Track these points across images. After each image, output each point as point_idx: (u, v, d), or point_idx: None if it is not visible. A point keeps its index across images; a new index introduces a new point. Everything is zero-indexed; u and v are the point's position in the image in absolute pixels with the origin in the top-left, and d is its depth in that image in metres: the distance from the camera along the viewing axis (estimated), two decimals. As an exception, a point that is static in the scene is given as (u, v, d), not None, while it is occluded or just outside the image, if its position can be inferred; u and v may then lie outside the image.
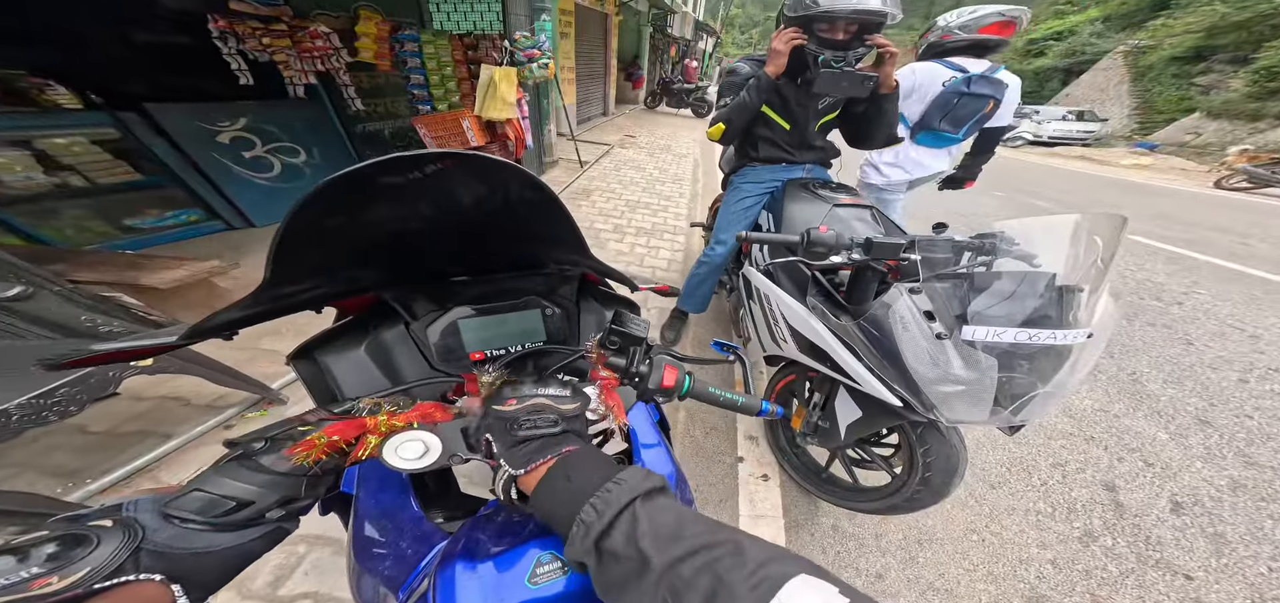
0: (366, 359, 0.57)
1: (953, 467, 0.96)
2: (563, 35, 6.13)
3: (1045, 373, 0.75)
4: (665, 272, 2.93)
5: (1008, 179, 7.45)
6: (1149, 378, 2.14)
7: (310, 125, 3.21)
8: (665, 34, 12.80)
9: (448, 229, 0.49)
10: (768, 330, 1.24)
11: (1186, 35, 14.80)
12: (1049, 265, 0.81)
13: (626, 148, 6.54)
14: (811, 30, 1.20)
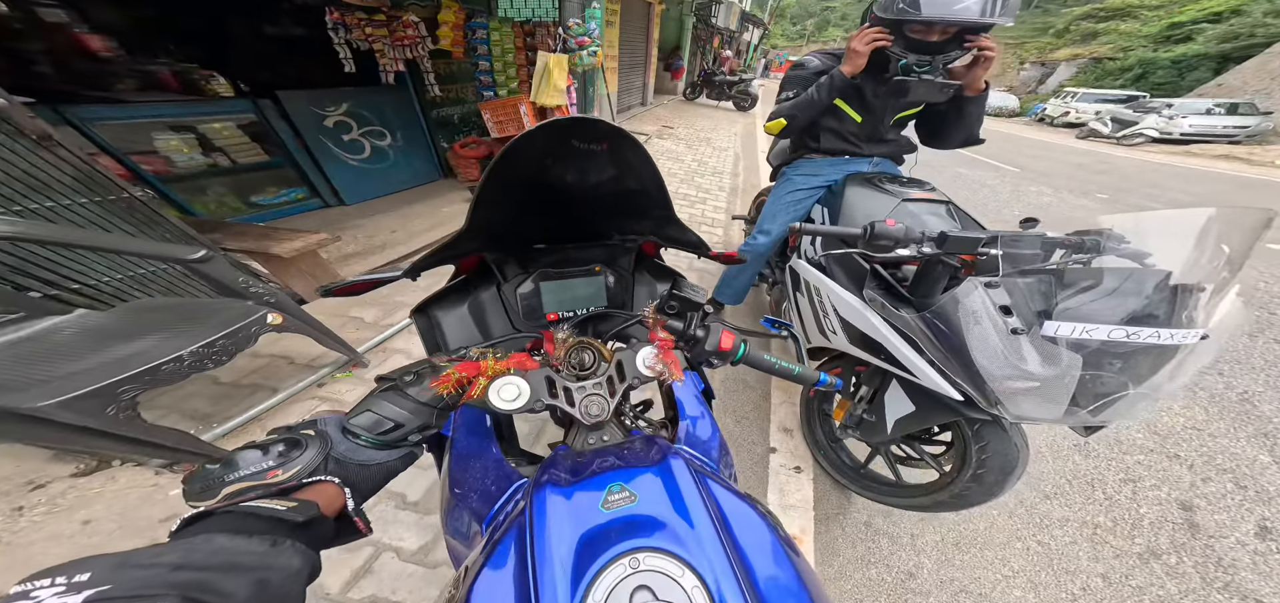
0: (467, 316, 0.66)
1: (1010, 465, 0.93)
2: (608, 23, 6.15)
3: (1140, 374, 0.72)
4: (702, 263, 2.92)
5: (1114, 180, 6.57)
6: (1262, 399, 1.89)
7: (396, 110, 3.50)
8: (709, 24, 12.46)
9: (580, 197, 0.55)
10: (815, 322, 1.22)
11: None
12: (1164, 264, 0.75)
13: (664, 138, 6.51)
14: (900, 31, 1.13)
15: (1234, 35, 16.98)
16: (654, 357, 0.53)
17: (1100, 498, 1.48)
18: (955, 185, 5.89)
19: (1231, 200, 5.47)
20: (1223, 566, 1.26)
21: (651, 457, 0.42)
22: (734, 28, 14.99)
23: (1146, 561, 1.29)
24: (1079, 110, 15.49)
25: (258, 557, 0.27)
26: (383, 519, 1.20)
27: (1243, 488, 1.48)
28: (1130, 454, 1.64)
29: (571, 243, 0.71)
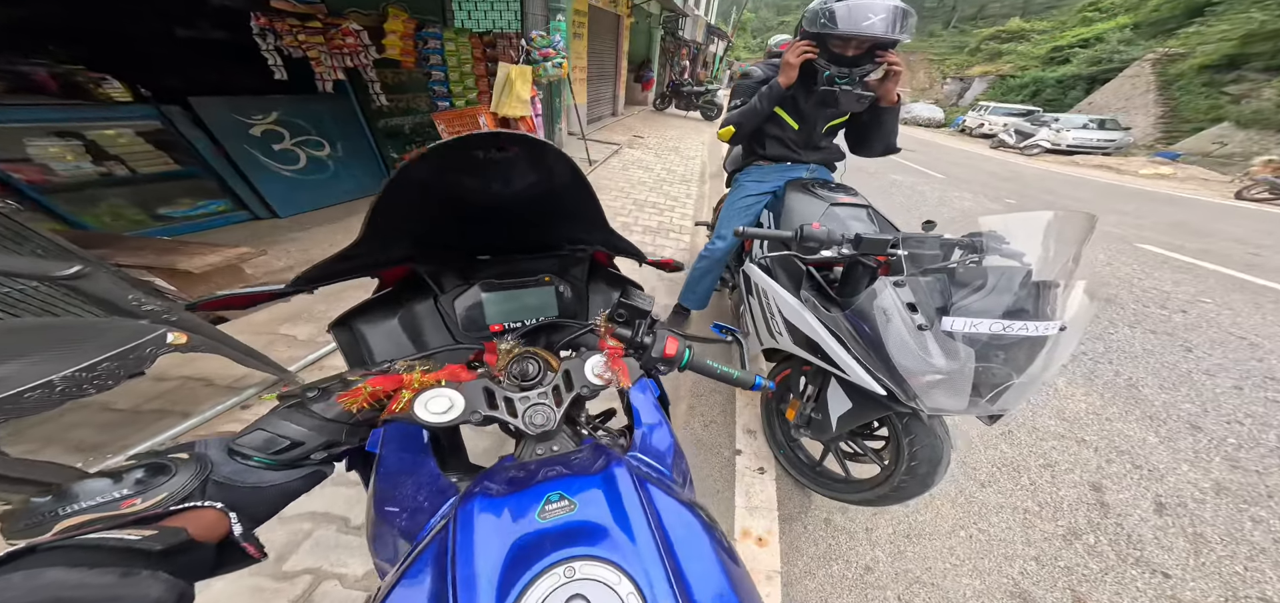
0: (397, 328, 0.62)
1: (937, 457, 0.97)
2: (576, 35, 6.14)
3: (1020, 364, 0.78)
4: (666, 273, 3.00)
5: (1016, 186, 7.34)
6: (1145, 384, 2.13)
7: (336, 120, 3.28)
8: (676, 37, 12.80)
9: (502, 206, 0.54)
10: (764, 324, 1.26)
11: (1221, 43, 14.35)
12: (1033, 261, 0.84)
13: (635, 148, 6.56)
14: (825, 45, 1.25)
15: (1098, 59, 19.49)
16: (603, 365, 0.53)
17: (1026, 483, 1.60)
18: (891, 191, 6.34)
19: (1117, 206, 6.28)
20: (1132, 541, 1.41)
21: (595, 466, 0.41)
22: (700, 40, 15.46)
23: (1070, 541, 1.41)
24: (990, 122, 17.07)
25: (104, 589, 0.24)
26: (323, 544, 1.15)
27: (1139, 468, 1.66)
28: (1046, 440, 1.79)
29: (522, 254, 0.69)
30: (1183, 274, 3.53)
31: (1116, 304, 2.94)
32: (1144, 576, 1.30)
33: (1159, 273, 3.53)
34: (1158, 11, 19.31)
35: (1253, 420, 1.88)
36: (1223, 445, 1.75)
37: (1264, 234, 4.86)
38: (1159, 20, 19.04)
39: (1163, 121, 14.04)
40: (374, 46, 3.12)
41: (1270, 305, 3.00)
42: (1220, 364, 2.28)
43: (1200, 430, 1.82)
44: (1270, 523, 1.44)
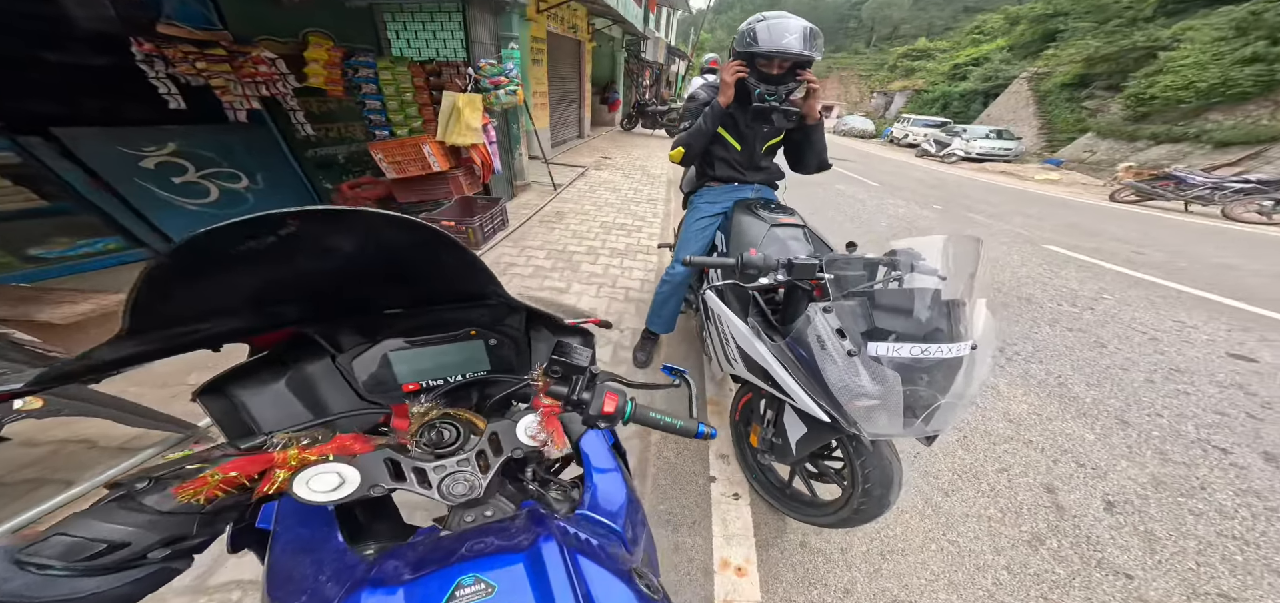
0: (287, 392, 0.55)
1: (888, 479, 0.98)
2: (535, 62, 6.13)
3: (943, 385, 0.79)
4: (639, 291, 2.92)
5: (941, 193, 8.05)
6: (1073, 382, 2.29)
7: (253, 150, 3.04)
8: (639, 59, 13.14)
9: (347, 276, 0.47)
10: (722, 350, 1.26)
11: (1072, 64, 16.52)
12: (932, 280, 0.87)
13: (602, 169, 6.57)
14: (753, 64, 1.35)
15: (988, 77, 21.95)
16: (536, 425, 0.50)
17: (986, 489, 1.64)
18: (837, 201, 6.73)
19: (1022, 209, 7.02)
20: (1091, 543, 1.46)
21: (522, 540, 0.38)
22: (662, 61, 15.94)
23: (1035, 547, 1.44)
24: (913, 133, 18.64)
25: None
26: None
27: (1083, 467, 1.75)
28: (999, 445, 1.86)
29: (446, 303, 0.63)
30: (1084, 273, 3.94)
31: (1035, 304, 3.21)
32: (1109, 579, 1.34)
33: (1065, 272, 3.93)
34: (1023, 36, 22.09)
35: (1169, 412, 2.06)
36: (1150, 439, 1.90)
37: (1139, 233, 5.58)
38: (1026, 43, 21.79)
39: (1043, 132, 16.10)
40: (293, 75, 2.92)
41: (1158, 299, 3.38)
42: (1131, 359, 2.52)
43: (1128, 425, 1.97)
44: (1208, 516, 1.54)
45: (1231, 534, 1.47)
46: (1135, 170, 8.98)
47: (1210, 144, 10.47)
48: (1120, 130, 12.84)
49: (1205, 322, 2.99)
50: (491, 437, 0.49)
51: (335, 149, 3.58)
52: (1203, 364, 2.46)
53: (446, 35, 3.34)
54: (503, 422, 0.51)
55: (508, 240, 3.58)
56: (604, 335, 2.44)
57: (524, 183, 5.00)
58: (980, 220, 6.04)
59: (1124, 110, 13.27)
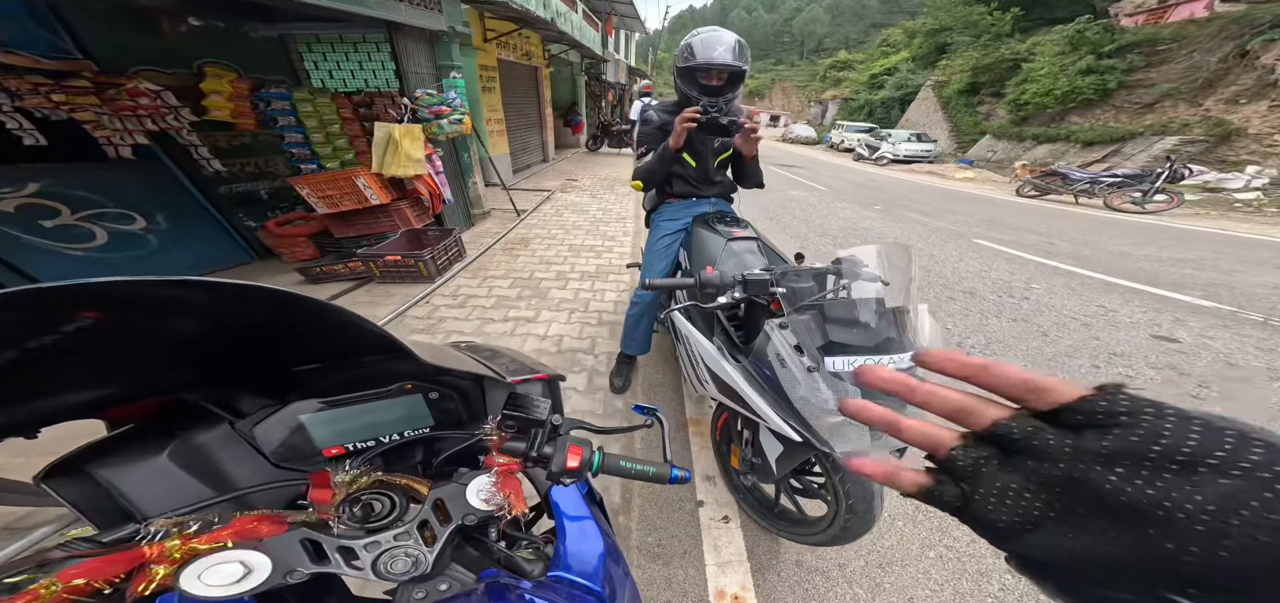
0: (172, 468, 0.45)
1: (869, 494, 0.96)
2: (486, 89, 5.98)
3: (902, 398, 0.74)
4: (612, 313, 2.79)
5: (879, 194, 8.60)
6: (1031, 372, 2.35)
7: (148, 189, 2.82)
8: (601, 81, 13.17)
9: (213, 343, 0.39)
10: (692, 372, 1.23)
11: (961, 74, 18.41)
12: (874, 288, 0.87)
13: (568, 191, 6.44)
14: (693, 78, 1.39)
15: (901, 85, 24.20)
16: (490, 487, 0.44)
17: None
18: (790, 205, 6.99)
19: (948, 206, 7.63)
20: None
21: None
22: (624, 81, 16.02)
23: None
24: (848, 139, 19.97)
25: None
26: None
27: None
28: None
29: (374, 354, 0.53)
30: (1011, 265, 4.25)
31: (979, 297, 3.39)
32: None
33: (997, 265, 4.22)
34: (921, 48, 24.54)
35: None
36: None
37: (1046, 225, 6.16)
38: (924, 55, 24.18)
39: (952, 135, 17.86)
40: (187, 108, 2.70)
41: (1078, 286, 3.68)
42: (1072, 346, 2.66)
43: (1090, 414, 2.01)
44: None
45: None
46: (1028, 168, 10.16)
47: (1079, 143, 12.00)
48: (1010, 132, 14.42)
49: (1121, 305, 3.24)
50: (437, 504, 0.43)
51: (253, 185, 3.41)
52: (1135, 347, 2.62)
53: (375, 66, 3.20)
54: (449, 486, 0.45)
55: (467, 271, 3.38)
56: (579, 363, 2.28)
57: (482, 211, 4.81)
58: (916, 218, 6.48)
59: (1008, 114, 14.96)
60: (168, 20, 2.54)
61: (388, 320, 2.66)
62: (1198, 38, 10.90)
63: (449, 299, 2.96)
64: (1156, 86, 11.14)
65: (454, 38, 3.56)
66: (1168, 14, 12.67)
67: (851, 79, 32.82)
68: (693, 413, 1.88)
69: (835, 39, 61.52)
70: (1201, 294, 3.40)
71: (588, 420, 0.59)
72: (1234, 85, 9.81)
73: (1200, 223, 6.28)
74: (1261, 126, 9.06)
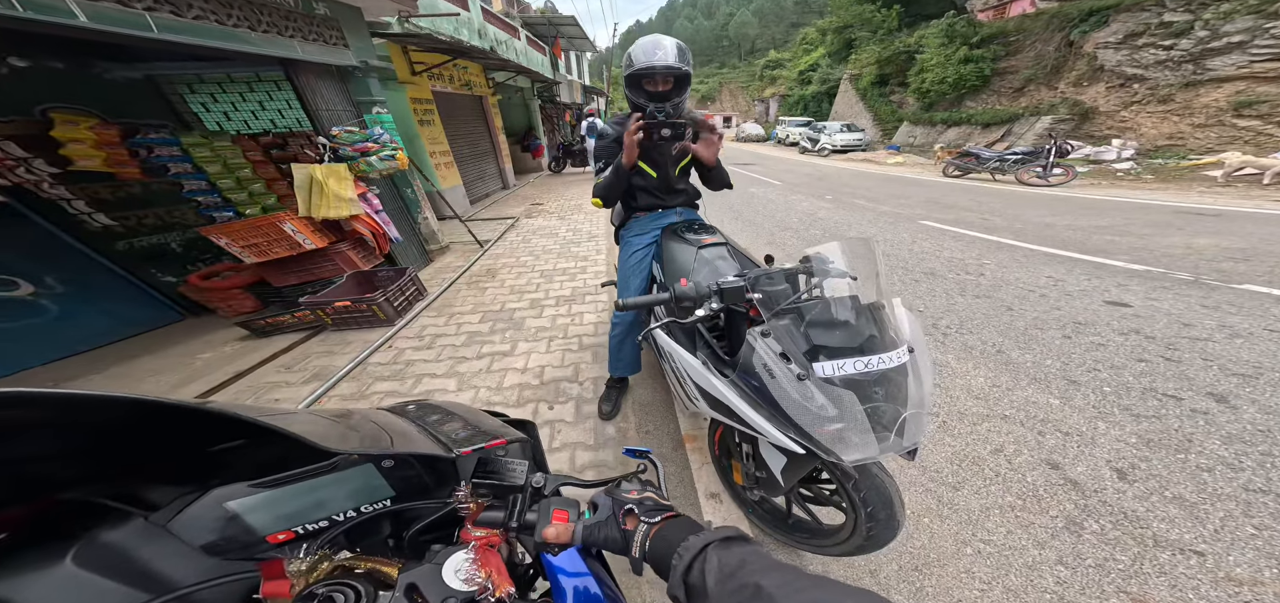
0: (83, 573, 0.38)
1: (888, 497, 0.90)
2: (424, 122, 5.63)
3: (897, 395, 0.75)
4: (593, 336, 2.61)
5: (827, 185, 8.96)
6: (1008, 348, 2.36)
7: (20, 251, 2.49)
8: (555, 103, 12.92)
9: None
10: (680, 390, 1.18)
11: (869, 67, 18.51)
12: (845, 285, 0.84)
13: (535, 216, 6.19)
14: (640, 86, 1.34)
15: (825, 80, 25.59)
16: (469, 565, 0.40)
17: (991, 475, 1.53)
18: (752, 202, 7.09)
19: (889, 191, 7.99)
20: (1131, 519, 1.35)
21: None
22: (580, 101, 15.73)
23: (1076, 533, 1.31)
24: (792, 133, 20.76)
25: None
26: None
27: (1067, 435, 1.73)
28: (978, 424, 1.79)
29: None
30: (959, 242, 4.41)
31: (938, 276, 3.46)
32: (1181, 558, 1.21)
33: (947, 244, 4.36)
34: (833, 45, 25.90)
35: (1104, 367, 2.15)
36: (1106, 397, 1.93)
37: (978, 202, 6.53)
38: (837, 51, 25.64)
39: (875, 124, 18.95)
40: (40, 158, 2.31)
41: (1022, 259, 3.84)
42: (1037, 318, 2.70)
43: (1079, 385, 2.02)
44: (1220, 470, 1.48)
45: (1256, 487, 1.40)
46: (945, 150, 11.15)
47: (979, 125, 13.23)
48: (922, 118, 15.58)
49: (1066, 275, 3.33)
50: (409, 589, 0.38)
51: (162, 237, 3.05)
52: (1095, 315, 2.65)
53: (279, 105, 3.03)
54: (422, 568, 0.40)
55: (430, 310, 3.09)
56: (564, 392, 2.07)
57: (440, 246, 4.47)
58: (863, 205, 6.73)
59: (917, 102, 16.23)
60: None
61: (346, 371, 2.36)
62: (1034, 30, 12.38)
63: (414, 341, 2.69)
64: (1021, 73, 12.56)
65: (369, 73, 3.34)
66: (1006, 10, 14.21)
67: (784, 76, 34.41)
68: (688, 429, 1.74)
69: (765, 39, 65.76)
70: (1129, 258, 3.64)
71: (574, 475, 0.53)
72: (1074, 71, 11.23)
73: (1096, 192, 6.98)
74: (1108, 105, 10.47)
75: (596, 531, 0.42)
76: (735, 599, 0.31)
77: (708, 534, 0.37)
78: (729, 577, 0.33)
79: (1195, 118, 9.10)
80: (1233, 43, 8.41)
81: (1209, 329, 2.44)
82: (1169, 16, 9.33)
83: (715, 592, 0.32)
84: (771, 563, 0.34)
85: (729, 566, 0.34)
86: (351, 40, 3.10)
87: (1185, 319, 2.56)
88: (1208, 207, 5.53)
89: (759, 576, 0.31)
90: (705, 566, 0.34)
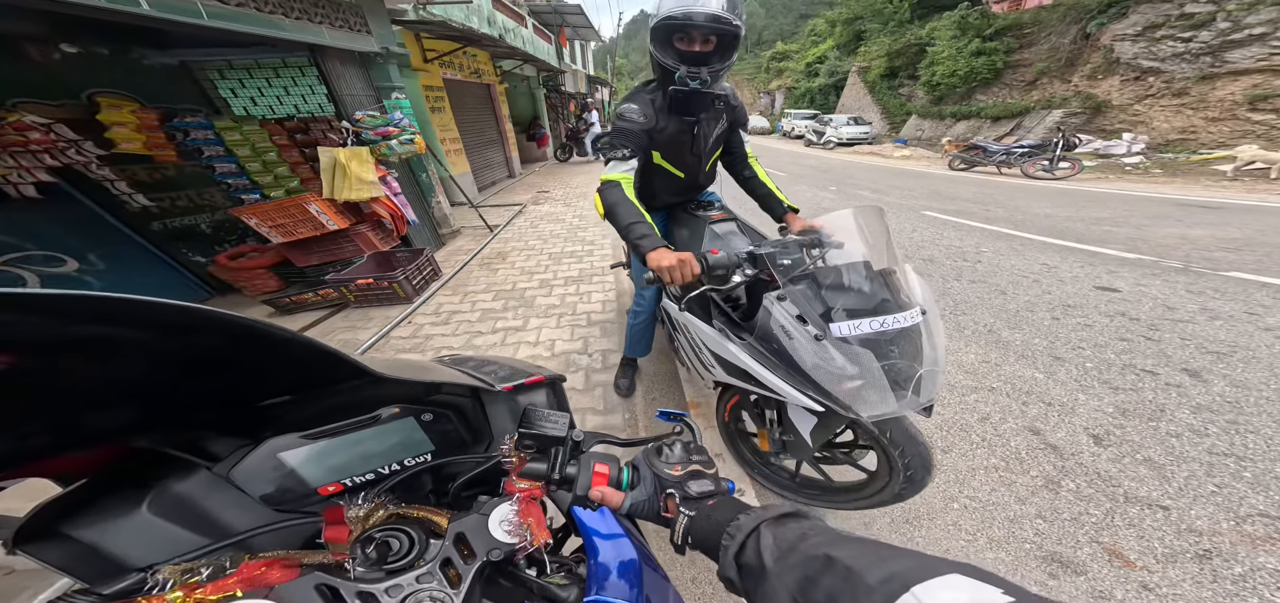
0: (156, 520, 0.41)
1: (925, 457, 0.93)
2: (435, 109, 5.71)
3: (911, 353, 0.76)
4: (601, 313, 2.71)
5: (831, 176, 8.95)
6: (998, 327, 2.44)
7: (68, 229, 2.60)
8: (560, 92, 12.90)
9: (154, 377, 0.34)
10: (696, 359, 1.20)
11: (879, 59, 18.03)
12: (857, 251, 0.87)
13: (541, 203, 6.26)
14: (670, 42, 1.06)
15: (833, 72, 24.91)
16: (513, 516, 0.41)
17: (979, 440, 1.62)
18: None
19: (893, 183, 7.95)
20: (1104, 479, 1.45)
21: None
22: (584, 90, 15.68)
23: (1054, 490, 1.40)
24: (797, 126, 20.59)
25: None
26: None
27: (1051, 405, 1.81)
28: (967, 395, 1.87)
29: (349, 381, 0.44)
30: (959, 232, 4.46)
31: (938, 263, 3.52)
32: (1148, 512, 1.31)
33: (947, 233, 4.41)
34: (842, 37, 25.26)
35: (1088, 344, 2.24)
36: (1088, 371, 2.02)
37: (979, 194, 6.55)
38: (846, 43, 24.95)
39: (883, 117, 18.51)
40: (90, 140, 2.44)
41: (1019, 247, 3.89)
42: (1028, 301, 2.77)
43: (1063, 361, 2.11)
44: (1187, 436, 1.57)
45: (1219, 451, 1.50)
46: (953, 144, 10.97)
47: (989, 118, 13.00)
48: (931, 111, 15.25)
49: (1060, 262, 3.42)
50: (458, 539, 0.39)
51: (193, 218, 3.17)
52: (1084, 299, 2.73)
53: (303, 91, 3.08)
54: (470, 517, 0.41)
55: (446, 289, 3.24)
56: (574, 363, 2.17)
57: (452, 230, 4.60)
58: (867, 196, 6.76)
59: (926, 95, 15.81)
60: (36, 48, 2.22)
61: (371, 344, 2.50)
62: (1050, 22, 12.05)
63: (432, 317, 2.83)
64: (1033, 66, 12.25)
65: (390, 59, 3.43)
66: (1023, 1, 13.88)
67: (791, 68, 33.65)
68: (692, 396, 1.84)
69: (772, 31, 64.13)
70: (1124, 248, 3.68)
71: (609, 433, 0.53)
72: (1089, 63, 10.96)
73: (1102, 185, 6.93)
74: (1121, 98, 10.22)
75: (642, 507, 0.42)
76: (800, 573, 0.28)
77: (760, 513, 0.35)
78: (789, 551, 0.30)
79: (1209, 112, 8.87)
80: (1254, 35, 8.16)
81: (1191, 312, 2.49)
82: (1191, 7, 9.02)
83: (774, 569, 0.30)
84: (838, 535, 0.31)
85: (787, 540, 0.31)
86: (374, 27, 3.16)
87: (1170, 303, 2.62)
88: (1211, 200, 5.48)
89: (827, 547, 0.28)
90: (759, 543, 0.32)
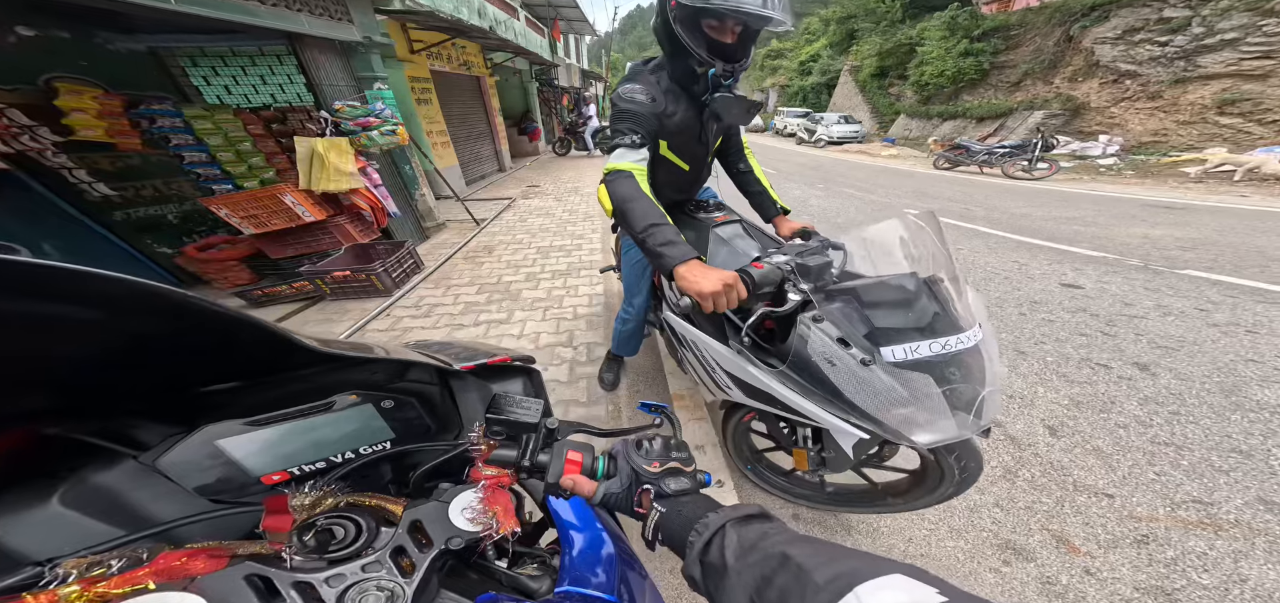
0: (70, 514, 0.37)
1: (978, 455, 0.88)
2: (422, 101, 5.57)
3: (970, 373, 0.72)
4: (588, 307, 2.69)
5: (821, 174, 8.99)
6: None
7: (20, 217, 2.47)
8: (553, 87, 12.74)
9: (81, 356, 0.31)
10: (707, 376, 1.09)
11: (870, 59, 18.25)
12: (899, 261, 0.81)
13: (531, 197, 6.22)
14: (699, 27, 0.93)
15: (825, 71, 25.18)
16: (477, 503, 0.39)
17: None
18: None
19: (878, 181, 8.06)
20: (1057, 469, 1.48)
21: None
22: (578, 85, 15.54)
23: (1011, 479, 1.44)
24: (790, 124, 20.52)
25: None
26: None
27: (1012, 398, 1.85)
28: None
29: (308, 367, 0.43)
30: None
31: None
32: (1094, 500, 1.36)
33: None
34: (835, 36, 25.47)
35: (1050, 340, 2.30)
36: (1048, 365, 2.08)
37: (960, 193, 6.68)
38: (838, 42, 25.18)
39: (873, 116, 18.75)
40: (44, 127, 2.30)
41: (995, 245, 3.98)
42: (999, 297, 2.85)
43: (1026, 355, 2.17)
44: (1133, 427, 1.64)
45: (1161, 441, 1.58)
46: (939, 143, 11.12)
47: (974, 119, 13.22)
48: (919, 111, 15.48)
49: (1031, 260, 3.51)
50: (413, 526, 0.36)
51: (159, 208, 3.01)
52: (1049, 296, 2.81)
53: (280, 80, 2.93)
54: (428, 505, 0.38)
55: (428, 282, 3.18)
56: (558, 356, 2.15)
57: (436, 223, 4.49)
58: (853, 193, 6.81)
59: (915, 95, 16.05)
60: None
61: (347, 335, 2.45)
62: (1036, 24, 12.31)
63: (412, 310, 2.78)
64: (1018, 67, 12.50)
65: (372, 49, 3.32)
66: (1012, 2, 14.07)
67: (785, 66, 33.74)
68: (677, 389, 1.83)
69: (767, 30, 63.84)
70: (1090, 246, 3.80)
71: (588, 423, 0.51)
72: (1070, 66, 11.24)
73: (1077, 186, 7.11)
74: (1099, 101, 10.48)
75: (616, 498, 0.41)
76: (758, 572, 0.29)
77: (726, 512, 0.35)
78: (749, 550, 0.31)
79: (1180, 115, 9.14)
80: (1226, 40, 8.41)
81: (1146, 308, 2.59)
82: (1169, 12, 9.27)
83: (735, 567, 0.31)
84: (795, 536, 0.32)
85: (749, 539, 0.32)
86: (356, 15, 3.06)
87: (1127, 299, 2.72)
88: (1175, 200, 5.68)
89: (783, 546, 0.29)
90: (723, 542, 0.33)
